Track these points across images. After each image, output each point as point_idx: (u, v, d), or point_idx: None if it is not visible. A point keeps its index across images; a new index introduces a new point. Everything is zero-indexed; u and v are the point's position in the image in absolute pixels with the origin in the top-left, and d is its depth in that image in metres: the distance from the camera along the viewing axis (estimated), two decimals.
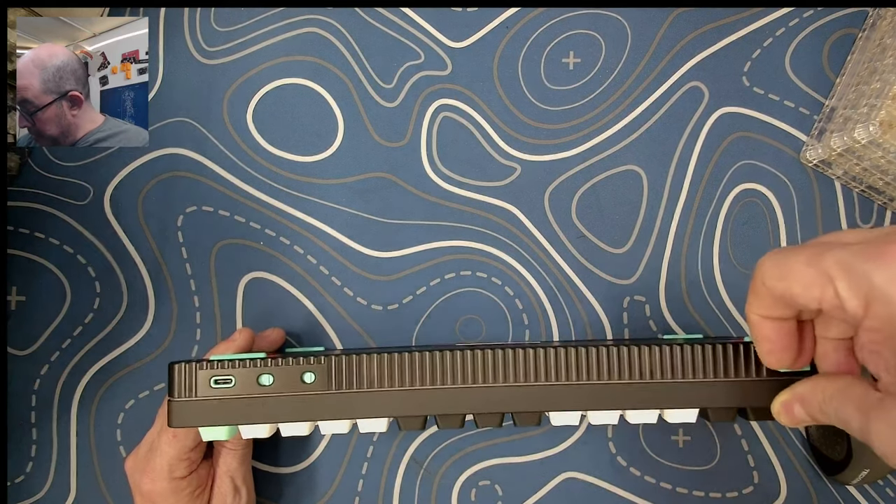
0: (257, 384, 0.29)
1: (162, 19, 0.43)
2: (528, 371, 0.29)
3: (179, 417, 0.29)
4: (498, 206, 0.41)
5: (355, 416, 0.29)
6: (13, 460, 0.40)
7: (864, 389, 0.22)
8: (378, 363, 0.29)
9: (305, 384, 0.29)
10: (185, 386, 0.29)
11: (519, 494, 0.40)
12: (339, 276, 0.41)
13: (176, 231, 0.41)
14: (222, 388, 0.29)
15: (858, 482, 0.37)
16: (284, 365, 0.29)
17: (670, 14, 0.42)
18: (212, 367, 0.29)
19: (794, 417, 0.26)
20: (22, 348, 0.41)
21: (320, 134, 0.42)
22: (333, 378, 0.29)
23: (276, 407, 0.29)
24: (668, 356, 0.29)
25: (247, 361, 0.29)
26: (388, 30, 0.43)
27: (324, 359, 0.29)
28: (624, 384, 0.29)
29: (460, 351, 0.29)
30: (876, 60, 0.38)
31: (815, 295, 0.21)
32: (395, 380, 0.29)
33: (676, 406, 0.29)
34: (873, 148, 0.36)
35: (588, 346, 0.29)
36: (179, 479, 0.33)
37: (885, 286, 0.19)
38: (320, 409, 0.29)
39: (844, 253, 0.20)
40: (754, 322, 0.24)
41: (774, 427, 0.39)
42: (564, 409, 0.29)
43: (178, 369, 0.29)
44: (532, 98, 0.42)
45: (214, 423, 0.29)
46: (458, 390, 0.29)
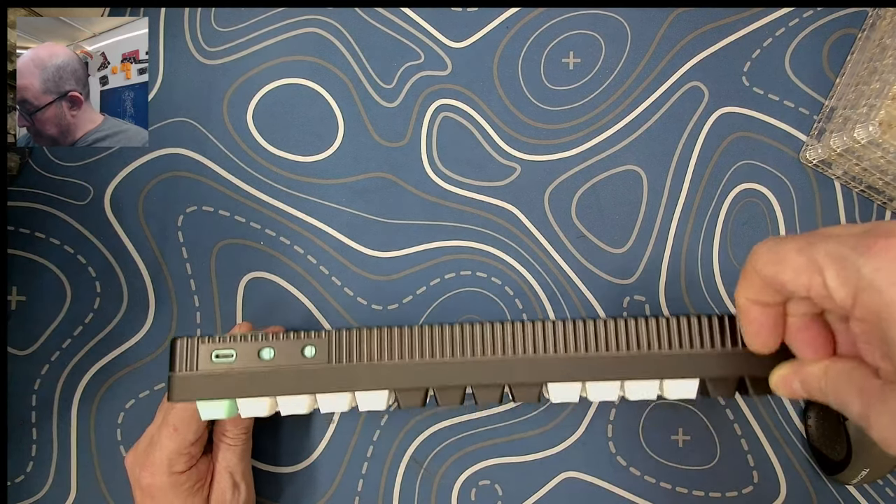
0: (258, 358, 0.29)
1: (162, 19, 0.43)
2: (526, 343, 0.29)
3: (180, 391, 0.29)
4: (498, 206, 0.41)
5: (355, 388, 0.30)
6: (13, 460, 0.40)
7: (866, 375, 0.22)
8: (378, 336, 0.30)
9: (306, 358, 0.29)
10: (187, 360, 0.29)
11: (519, 494, 0.40)
12: (339, 276, 0.41)
13: (176, 231, 0.41)
14: (223, 362, 0.29)
15: (858, 482, 0.37)
16: (285, 339, 0.30)
17: (670, 14, 0.42)
18: (213, 342, 0.30)
19: (791, 391, 0.26)
20: (22, 348, 0.41)
21: (320, 134, 0.42)
22: (334, 351, 0.29)
23: (276, 380, 0.29)
24: (666, 327, 0.29)
25: (248, 336, 0.30)
26: (388, 30, 0.43)
27: (324, 333, 0.30)
28: (623, 355, 0.29)
29: (459, 324, 0.30)
30: (876, 60, 0.38)
31: (803, 282, 0.21)
32: (395, 353, 0.29)
33: (676, 376, 0.29)
34: (873, 148, 0.36)
35: (586, 319, 0.29)
36: (178, 473, 0.33)
37: (873, 276, 0.19)
38: (321, 383, 0.29)
39: (835, 244, 0.21)
40: (742, 305, 0.25)
41: (774, 427, 0.40)
42: (563, 379, 0.29)
43: (179, 343, 0.30)
44: (532, 98, 0.42)
45: (214, 395, 0.29)
46: (457, 363, 0.29)
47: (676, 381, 0.29)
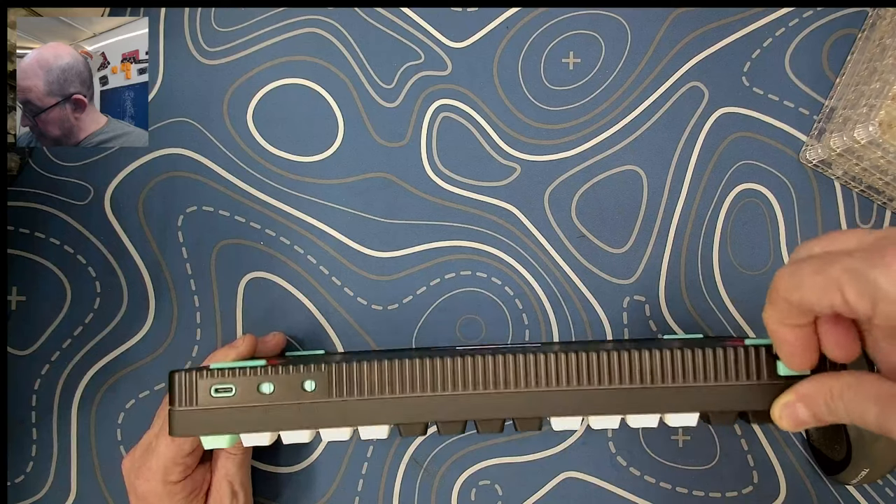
0: (258, 392, 0.29)
1: (162, 19, 0.43)
2: (528, 376, 0.29)
3: (181, 427, 0.29)
4: (498, 206, 0.41)
5: (356, 423, 0.29)
6: (13, 460, 0.40)
7: (878, 381, 0.23)
8: (378, 370, 0.29)
9: (306, 392, 0.29)
10: (186, 395, 0.29)
11: (519, 494, 0.40)
12: (339, 276, 0.41)
13: (176, 231, 0.41)
14: (223, 397, 0.29)
15: (858, 482, 0.37)
16: (285, 373, 0.29)
17: (670, 14, 0.42)
18: (212, 376, 0.29)
19: (797, 419, 0.26)
20: (22, 348, 0.41)
21: (320, 134, 0.42)
22: (334, 386, 0.29)
23: (276, 415, 0.29)
24: (669, 360, 0.29)
25: (247, 370, 0.29)
26: (388, 30, 0.43)
27: (324, 366, 0.29)
28: (624, 389, 0.29)
29: (460, 357, 0.29)
30: (876, 60, 0.38)
31: (827, 302, 0.22)
32: (396, 387, 0.29)
33: (677, 411, 0.29)
34: (873, 148, 0.36)
35: (588, 351, 0.29)
36: (174, 483, 0.33)
37: (890, 288, 0.21)
38: (321, 418, 0.29)
39: (850, 260, 0.22)
40: (774, 330, 0.26)
41: (774, 427, 0.39)
42: (565, 414, 0.29)
43: (178, 378, 0.29)
44: (532, 98, 0.42)
45: (215, 431, 0.29)
46: (459, 397, 0.29)
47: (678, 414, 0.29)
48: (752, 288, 0.40)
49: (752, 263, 0.41)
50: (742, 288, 0.41)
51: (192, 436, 0.29)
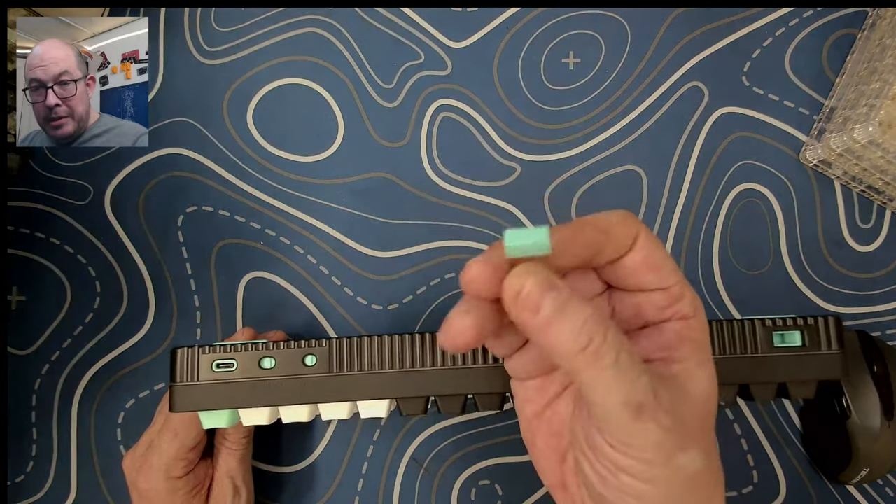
0: (259, 367, 0.29)
1: (162, 19, 0.43)
2: None
3: (181, 402, 0.29)
4: (498, 206, 0.41)
5: (357, 397, 0.30)
6: (13, 460, 0.40)
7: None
8: (378, 345, 0.30)
9: (307, 367, 0.29)
10: (188, 370, 0.30)
11: (519, 494, 0.40)
12: (339, 275, 0.41)
13: (176, 231, 0.41)
14: (224, 372, 0.29)
15: (858, 482, 0.37)
16: (286, 348, 0.30)
17: (670, 14, 0.42)
18: (214, 352, 0.30)
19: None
20: (22, 348, 0.41)
21: (320, 134, 0.42)
22: (334, 360, 0.29)
23: (277, 390, 0.29)
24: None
25: (249, 345, 0.30)
26: (388, 30, 0.43)
27: (325, 342, 0.30)
28: None
29: None
30: (876, 60, 0.38)
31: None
32: (396, 361, 0.29)
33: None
34: (873, 148, 0.36)
35: None
36: (176, 478, 0.33)
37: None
38: (321, 392, 0.29)
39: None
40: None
41: (774, 427, 0.40)
42: None
43: (180, 354, 0.30)
44: (532, 98, 0.42)
45: (216, 406, 0.30)
46: (458, 371, 0.29)
47: None
48: (751, 288, 0.40)
49: (752, 263, 0.41)
50: (742, 288, 0.41)
51: (192, 410, 0.29)
